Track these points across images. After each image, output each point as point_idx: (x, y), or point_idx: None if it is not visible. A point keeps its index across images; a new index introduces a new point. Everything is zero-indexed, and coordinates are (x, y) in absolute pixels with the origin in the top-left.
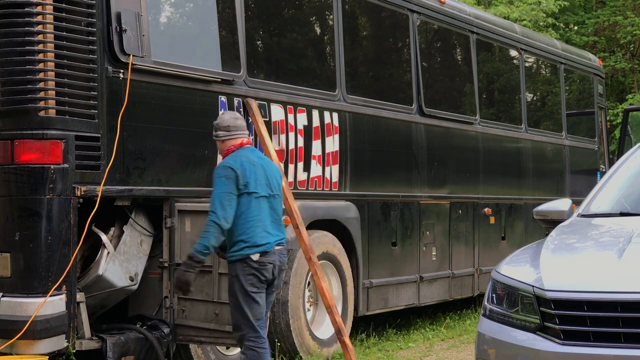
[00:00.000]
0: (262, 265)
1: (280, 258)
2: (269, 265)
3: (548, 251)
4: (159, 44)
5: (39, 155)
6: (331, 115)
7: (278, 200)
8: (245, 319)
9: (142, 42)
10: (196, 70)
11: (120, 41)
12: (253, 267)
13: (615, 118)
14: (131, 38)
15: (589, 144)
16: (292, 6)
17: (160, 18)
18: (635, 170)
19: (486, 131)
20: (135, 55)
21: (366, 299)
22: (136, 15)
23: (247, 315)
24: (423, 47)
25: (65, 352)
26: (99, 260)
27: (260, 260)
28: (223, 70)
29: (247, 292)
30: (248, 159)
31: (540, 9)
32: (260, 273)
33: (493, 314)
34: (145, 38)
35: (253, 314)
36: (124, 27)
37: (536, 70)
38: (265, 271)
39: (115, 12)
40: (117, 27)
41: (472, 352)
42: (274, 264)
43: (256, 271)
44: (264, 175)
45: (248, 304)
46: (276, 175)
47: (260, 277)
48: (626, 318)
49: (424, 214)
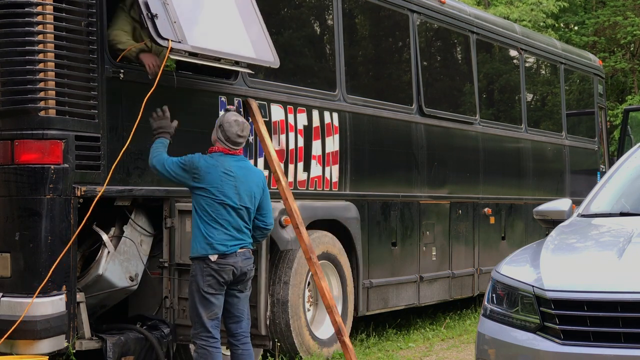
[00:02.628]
0: (220, 267)
1: (243, 260)
2: (228, 267)
3: (548, 251)
4: (181, 31)
5: (39, 155)
6: (331, 115)
7: (247, 213)
8: (198, 318)
9: (175, 28)
10: (219, 61)
11: (155, 26)
12: (212, 267)
13: (615, 119)
14: (164, 23)
15: (589, 144)
16: (292, 6)
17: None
18: (635, 170)
19: (486, 131)
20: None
21: (366, 299)
22: (163, 3)
23: (201, 315)
24: (423, 47)
25: (65, 352)
26: (99, 260)
27: (219, 262)
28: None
29: (203, 293)
30: (219, 168)
31: (540, 10)
32: (219, 274)
33: (493, 314)
34: (177, 25)
35: (207, 314)
36: (154, 13)
37: (536, 70)
38: (224, 273)
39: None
40: (148, 14)
41: (472, 352)
42: (235, 265)
43: (215, 272)
44: (233, 186)
45: (203, 304)
46: (252, 189)
47: (219, 279)
48: (626, 318)
49: (424, 214)
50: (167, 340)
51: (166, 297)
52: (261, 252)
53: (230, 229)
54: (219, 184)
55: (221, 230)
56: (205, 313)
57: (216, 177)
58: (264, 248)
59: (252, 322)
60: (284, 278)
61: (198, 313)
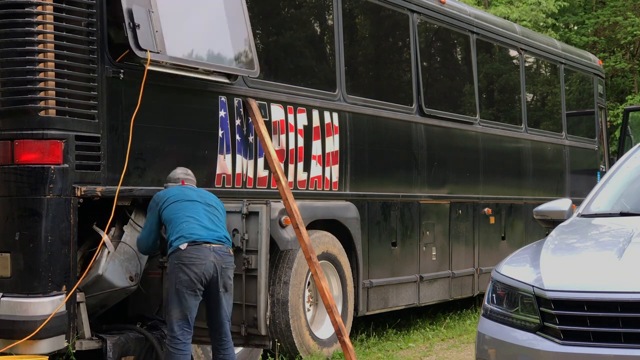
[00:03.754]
0: (191, 259)
1: (219, 256)
2: (199, 261)
3: (548, 251)
4: (162, 42)
5: (39, 155)
6: (331, 115)
7: (215, 211)
8: (168, 316)
9: (156, 38)
10: (197, 71)
11: (135, 37)
12: (183, 262)
13: (615, 119)
14: (145, 34)
15: (589, 144)
16: (292, 6)
17: (166, 16)
18: (635, 170)
19: (486, 131)
20: (152, 51)
21: (366, 299)
22: (147, 12)
23: (171, 314)
24: (423, 47)
25: (65, 352)
26: (99, 260)
27: (189, 252)
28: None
29: (175, 291)
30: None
31: (540, 10)
32: (190, 269)
33: (493, 314)
34: (158, 34)
35: (176, 313)
36: (136, 23)
37: (536, 70)
38: (195, 267)
39: (127, 9)
40: (130, 23)
41: (472, 352)
42: (208, 259)
43: (186, 267)
44: (193, 191)
45: (172, 302)
46: (209, 195)
47: (191, 275)
48: (626, 318)
49: (424, 214)
50: None
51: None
52: (261, 252)
53: (201, 219)
54: (179, 191)
55: (190, 223)
56: (174, 312)
57: (174, 189)
58: (264, 248)
59: (252, 322)
60: (284, 278)
61: (169, 311)
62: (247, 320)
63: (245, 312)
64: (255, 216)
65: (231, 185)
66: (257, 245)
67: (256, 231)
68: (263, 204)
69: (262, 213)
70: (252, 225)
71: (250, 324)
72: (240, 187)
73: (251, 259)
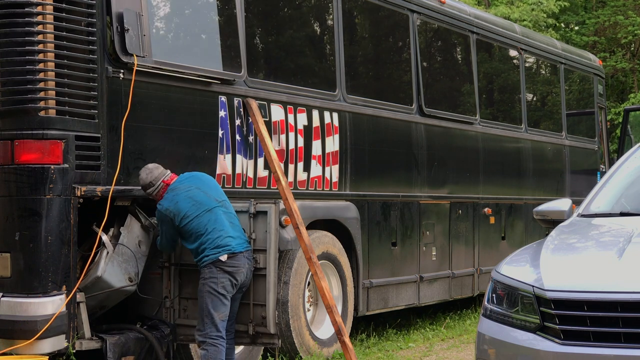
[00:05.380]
0: (233, 267)
1: (249, 262)
2: (239, 270)
3: (548, 251)
4: (159, 44)
5: (39, 155)
6: (331, 115)
7: (227, 205)
8: (211, 318)
9: (143, 42)
10: (197, 71)
11: (122, 41)
12: (225, 270)
13: (617, 117)
14: (133, 38)
15: (589, 144)
16: (292, 6)
17: (160, 18)
18: (635, 170)
19: (486, 131)
20: (138, 56)
21: (366, 299)
22: (137, 15)
23: (214, 315)
24: (423, 47)
25: (65, 352)
26: (99, 261)
27: (230, 263)
28: (224, 70)
29: (219, 294)
30: (179, 191)
31: (541, 9)
32: (232, 276)
33: (493, 314)
34: (146, 38)
35: (220, 315)
36: (126, 27)
37: (536, 70)
38: (237, 275)
39: (117, 12)
40: (118, 27)
41: (472, 352)
42: (244, 267)
43: (229, 275)
44: (200, 192)
45: (217, 305)
46: (210, 184)
47: (233, 281)
48: (626, 318)
49: (424, 214)
50: (167, 340)
51: (166, 297)
52: (270, 250)
53: (226, 228)
54: (187, 197)
55: (219, 233)
56: (218, 313)
57: (181, 196)
58: (273, 247)
59: (260, 321)
60: (284, 278)
61: (208, 312)
62: (255, 318)
63: (253, 311)
64: (262, 216)
65: (231, 185)
66: (264, 244)
67: (264, 230)
68: (272, 203)
69: (271, 212)
70: (260, 225)
71: (258, 323)
72: (240, 187)
73: (259, 258)
